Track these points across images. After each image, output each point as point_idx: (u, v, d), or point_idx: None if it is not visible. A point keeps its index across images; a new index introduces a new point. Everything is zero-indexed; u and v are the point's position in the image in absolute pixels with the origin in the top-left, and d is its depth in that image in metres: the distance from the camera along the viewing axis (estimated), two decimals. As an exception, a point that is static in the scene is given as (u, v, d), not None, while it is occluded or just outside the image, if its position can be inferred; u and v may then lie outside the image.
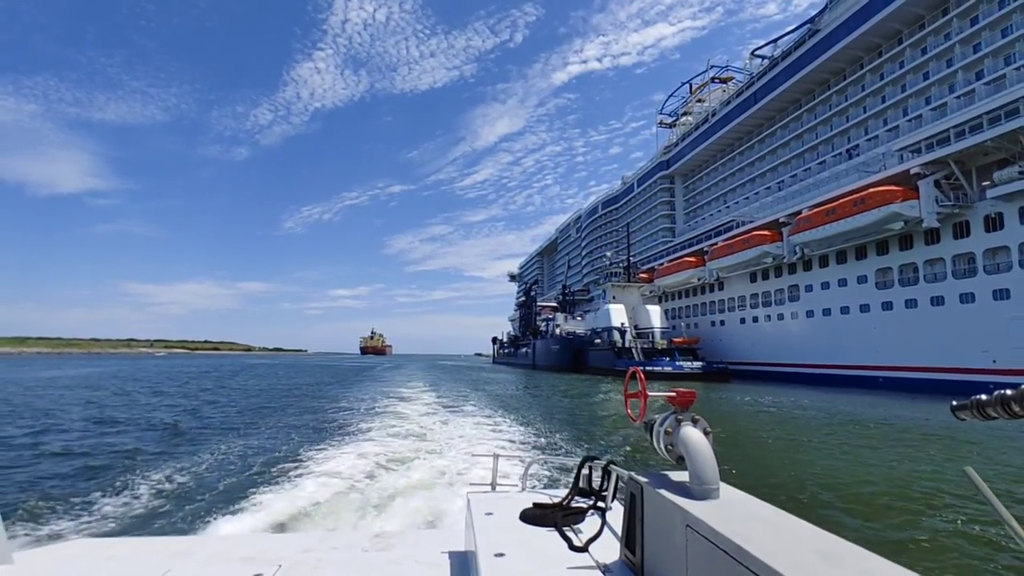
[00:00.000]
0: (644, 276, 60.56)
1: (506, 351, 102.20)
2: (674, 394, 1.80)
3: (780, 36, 50.65)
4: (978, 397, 0.99)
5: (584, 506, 2.39)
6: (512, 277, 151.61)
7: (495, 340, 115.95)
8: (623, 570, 1.83)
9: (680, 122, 70.08)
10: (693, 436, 1.66)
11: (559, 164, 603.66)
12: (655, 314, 53.84)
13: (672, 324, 56.04)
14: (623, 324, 51.17)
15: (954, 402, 1.06)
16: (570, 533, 2.12)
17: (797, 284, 40.45)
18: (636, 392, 1.89)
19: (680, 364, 42.19)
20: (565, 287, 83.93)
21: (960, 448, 12.47)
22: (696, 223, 60.69)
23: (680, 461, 1.68)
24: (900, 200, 29.48)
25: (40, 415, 17.01)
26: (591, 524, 2.22)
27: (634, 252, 65.48)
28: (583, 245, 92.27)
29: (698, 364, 42.71)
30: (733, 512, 1.41)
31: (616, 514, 2.12)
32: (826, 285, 37.69)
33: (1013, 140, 26.21)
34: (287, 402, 22.42)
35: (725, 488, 1.61)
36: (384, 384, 33.37)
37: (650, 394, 1.82)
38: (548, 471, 7.96)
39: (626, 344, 48.67)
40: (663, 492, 1.61)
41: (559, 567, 1.86)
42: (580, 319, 66.77)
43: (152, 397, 23.94)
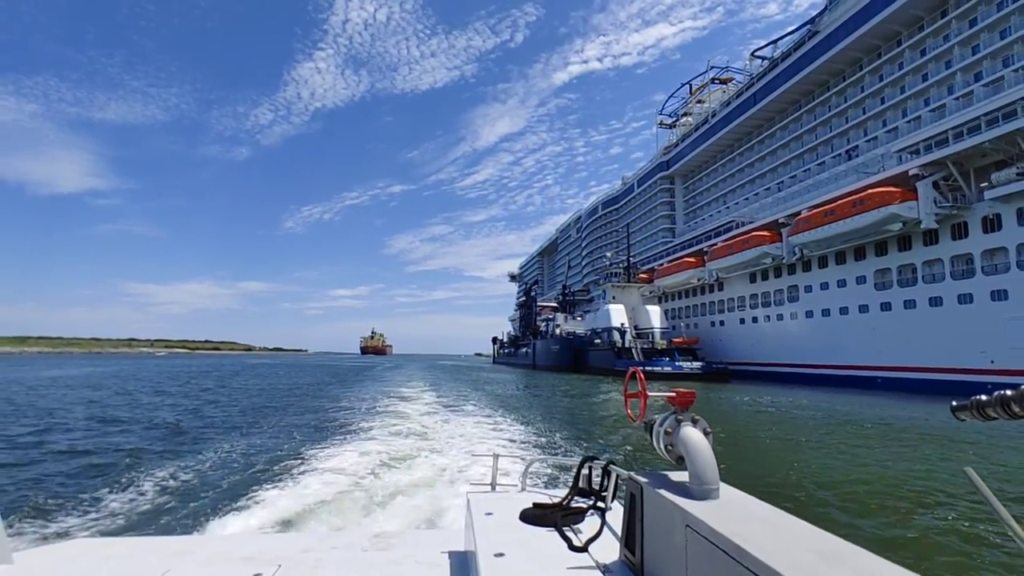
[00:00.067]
0: (644, 276, 60.65)
1: (506, 351, 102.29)
2: (674, 394, 1.80)
3: (780, 37, 50.79)
4: (978, 397, 1.00)
5: (584, 506, 2.38)
6: (512, 277, 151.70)
7: (495, 340, 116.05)
8: (623, 570, 1.83)
9: (680, 123, 70.16)
10: (693, 436, 1.67)
11: (559, 164, 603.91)
12: (655, 314, 53.95)
13: (672, 324, 56.12)
14: (623, 324, 51.27)
15: (954, 402, 1.07)
16: (570, 533, 2.12)
17: (796, 285, 40.54)
18: (636, 392, 1.89)
19: (680, 364, 42.28)
20: (565, 287, 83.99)
21: (956, 448, 12.57)
22: (696, 224, 60.78)
23: (680, 461, 1.69)
24: (899, 201, 29.56)
25: (43, 414, 17.10)
26: (591, 524, 2.22)
27: (634, 252, 65.57)
28: (583, 245, 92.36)
29: (697, 364, 42.79)
30: (733, 512, 1.42)
31: (616, 514, 2.13)
32: (825, 286, 37.79)
33: (1011, 142, 26.31)
34: (288, 401, 22.54)
35: (725, 488, 1.62)
36: (384, 384, 33.48)
37: (650, 394, 1.83)
38: (548, 471, 7.98)
39: (626, 344, 48.77)
40: (663, 492, 1.62)
41: (559, 567, 1.86)
42: (580, 319, 66.85)
43: (154, 396, 24.06)
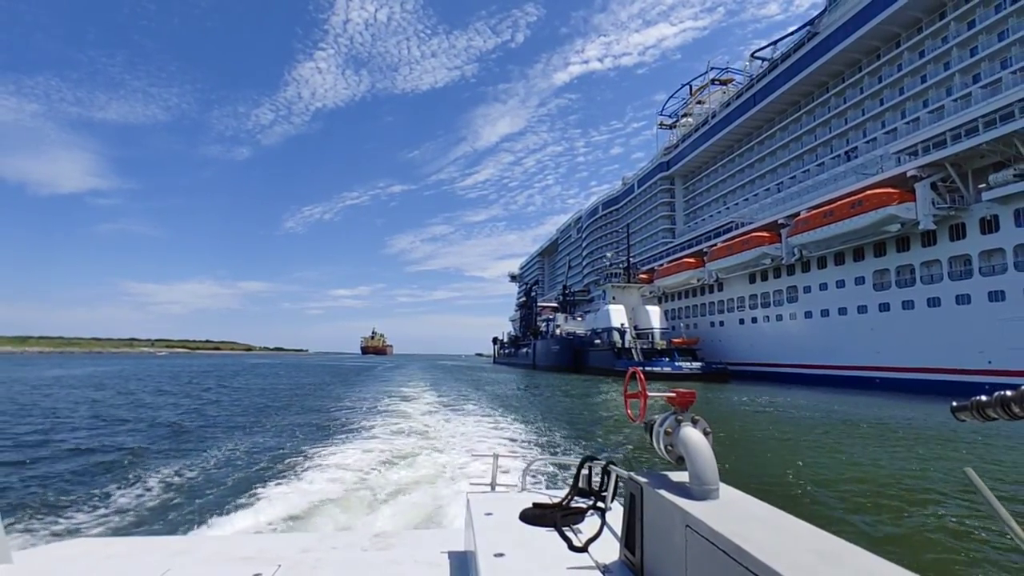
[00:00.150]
0: (644, 277, 60.81)
1: (507, 351, 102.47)
2: (674, 394, 1.81)
3: (780, 38, 50.92)
4: (978, 398, 0.99)
5: (584, 506, 2.37)
6: (513, 277, 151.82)
7: (495, 340, 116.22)
8: (623, 570, 1.84)
9: (680, 123, 70.32)
10: (693, 436, 1.67)
11: (560, 164, 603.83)
12: (655, 315, 54.10)
13: (672, 325, 56.26)
14: (623, 325, 51.41)
15: (954, 403, 1.06)
16: (570, 533, 2.12)
17: (796, 285, 40.68)
18: (636, 392, 1.90)
19: (679, 364, 42.43)
20: (565, 287, 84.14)
21: (951, 448, 12.72)
22: (696, 224, 60.92)
23: (680, 461, 1.70)
24: (897, 202, 29.71)
25: (47, 413, 17.27)
26: (591, 524, 2.22)
27: (634, 253, 65.72)
28: (584, 246, 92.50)
29: (697, 364, 42.94)
30: (733, 512, 1.43)
31: (616, 514, 2.14)
32: (824, 286, 37.93)
33: (1008, 143, 26.45)
34: (290, 401, 22.69)
35: (725, 488, 1.62)
36: (386, 384, 33.67)
37: (650, 394, 1.83)
38: (548, 470, 8.02)
39: (626, 344, 48.92)
40: (663, 492, 1.62)
41: (559, 567, 1.87)
42: (580, 319, 66.96)
43: (156, 396, 24.23)
